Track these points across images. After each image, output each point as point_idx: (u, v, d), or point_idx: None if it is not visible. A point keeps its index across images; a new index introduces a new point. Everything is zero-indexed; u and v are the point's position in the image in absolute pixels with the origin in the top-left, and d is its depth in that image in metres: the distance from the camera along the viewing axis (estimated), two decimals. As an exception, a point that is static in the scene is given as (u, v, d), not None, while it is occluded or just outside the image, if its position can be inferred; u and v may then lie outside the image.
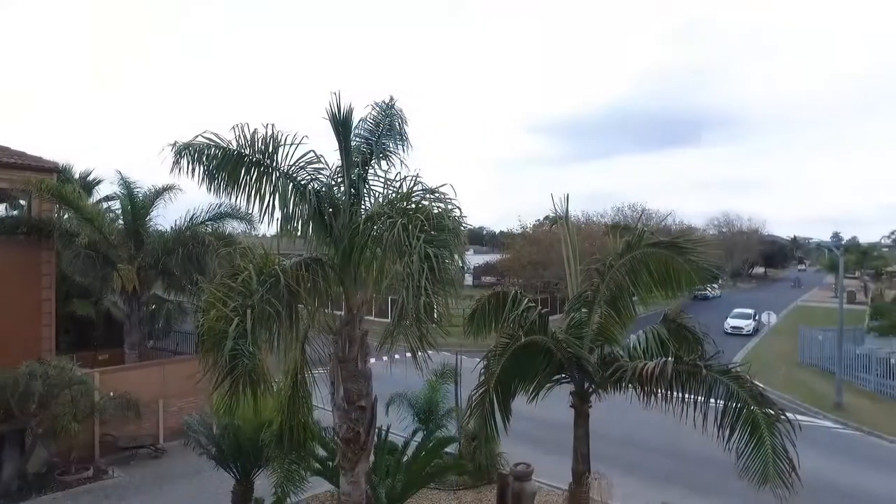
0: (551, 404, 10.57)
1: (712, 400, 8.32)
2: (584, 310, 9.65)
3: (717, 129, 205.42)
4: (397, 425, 13.66)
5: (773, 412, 7.77)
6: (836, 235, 43.25)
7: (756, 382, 8.36)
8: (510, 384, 9.22)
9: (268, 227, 8.35)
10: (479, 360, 9.69)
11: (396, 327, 6.27)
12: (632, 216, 64.74)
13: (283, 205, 7.89)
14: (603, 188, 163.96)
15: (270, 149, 8.10)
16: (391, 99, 9.53)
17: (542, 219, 55.44)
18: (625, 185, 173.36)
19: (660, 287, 9.19)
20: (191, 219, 18.81)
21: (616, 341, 9.61)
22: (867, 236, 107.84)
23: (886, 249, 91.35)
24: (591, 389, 9.70)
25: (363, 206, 8.49)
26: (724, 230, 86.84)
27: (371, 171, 8.92)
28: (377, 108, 9.43)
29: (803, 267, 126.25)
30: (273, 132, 8.12)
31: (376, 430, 9.45)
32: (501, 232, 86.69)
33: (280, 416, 8.79)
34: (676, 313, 9.77)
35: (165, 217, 20.90)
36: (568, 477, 10.59)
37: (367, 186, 8.76)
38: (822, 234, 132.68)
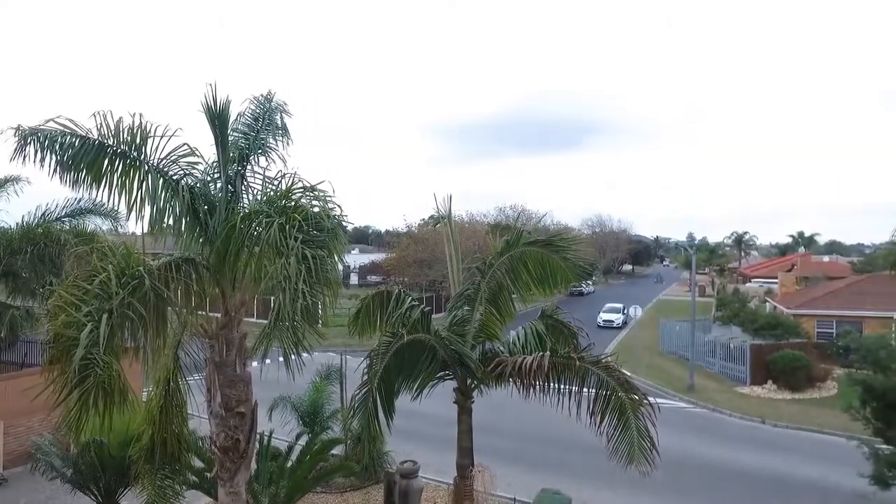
0: (437, 400, 10.77)
1: (585, 389, 8.93)
2: (466, 307, 9.91)
3: (595, 135, 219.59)
4: (281, 430, 13.22)
5: (637, 397, 8.47)
6: (690, 236, 48.11)
7: (623, 371, 9.07)
8: (393, 382, 9.26)
9: (136, 225, 7.70)
10: (364, 359, 9.64)
11: (273, 330, 6.05)
12: (513, 216, 67.50)
13: (153, 201, 7.32)
14: (488, 189, 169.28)
15: (138, 140, 7.47)
16: (270, 93, 9.19)
17: (427, 218, 56.15)
18: (509, 186, 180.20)
19: (538, 284, 9.66)
20: (44, 214, 16.86)
21: (497, 337, 9.96)
22: (714, 236, 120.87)
23: (728, 248, 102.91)
24: (473, 385, 9.97)
25: (241, 204, 8.12)
26: (596, 230, 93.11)
27: (250, 167, 8.55)
28: (256, 102, 9.06)
29: (666, 264, 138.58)
30: (141, 122, 7.50)
31: (257, 437, 9.08)
32: (387, 231, 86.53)
33: (151, 428, 8.16)
34: (553, 309, 10.33)
35: (11, 213, 18.54)
36: (454, 471, 10.84)
37: (245, 183, 8.38)
38: (679, 235, 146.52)
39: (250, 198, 8.24)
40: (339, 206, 6.83)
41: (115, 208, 13.97)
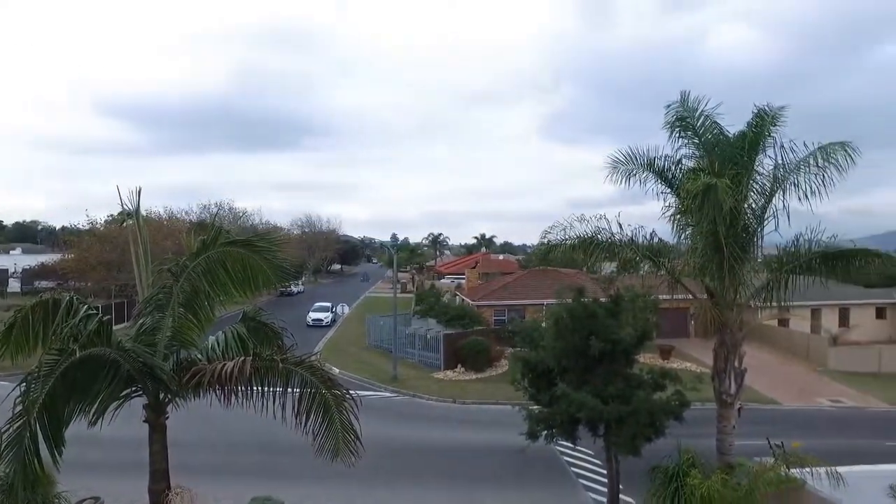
0: (126, 421, 9.45)
1: (290, 389, 8.87)
2: (157, 314, 8.93)
3: (312, 137, 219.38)
4: None
5: (339, 393, 8.75)
6: (394, 237, 51.82)
7: (331, 367, 9.29)
8: (62, 408, 7.81)
9: None
10: (18, 385, 7.89)
11: None
12: (220, 214, 63.44)
13: None
14: (195, 184, 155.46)
15: None
16: None
17: (116, 214, 48.80)
18: (220, 182, 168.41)
19: (238, 287, 9.20)
20: None
21: (194, 344, 9.21)
22: (415, 237, 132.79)
23: (426, 248, 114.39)
24: (167, 399, 9.06)
25: None
26: (306, 230, 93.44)
27: None
28: None
29: (374, 262, 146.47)
30: None
31: None
32: (64, 228, 72.59)
33: None
34: (255, 311, 10.00)
35: None
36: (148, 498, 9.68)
37: None
38: (384, 235, 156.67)
39: None
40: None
41: None
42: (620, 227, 12.93)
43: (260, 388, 8.58)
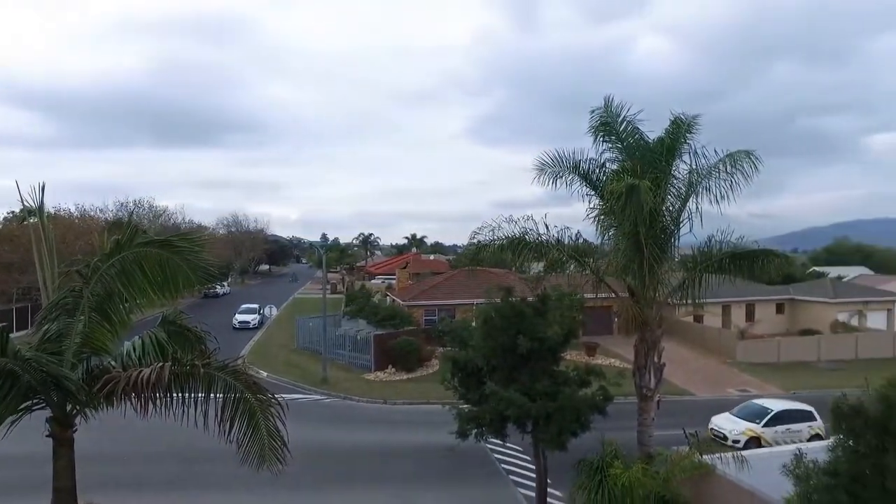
0: (24, 435, 8.75)
1: (214, 396, 8.48)
2: (66, 319, 8.31)
3: (238, 133, 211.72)
4: None
5: (265, 397, 8.46)
6: (324, 237, 50.93)
7: (257, 371, 8.98)
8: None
9: None
10: None
11: None
12: (139, 212, 60.04)
13: None
14: (112, 181, 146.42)
15: None
16: None
17: (17, 211, 45.03)
18: (140, 179, 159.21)
19: (157, 289, 8.71)
20: None
21: (107, 351, 8.64)
22: (345, 237, 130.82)
23: (356, 248, 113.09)
24: (75, 411, 8.45)
25: None
26: (233, 230, 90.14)
27: None
28: None
29: (304, 263, 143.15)
30: None
31: None
32: (-46, 226, 66.24)
33: None
34: (176, 314, 9.51)
35: None
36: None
37: None
38: (314, 236, 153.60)
39: None
40: None
41: None
42: (547, 228, 13.29)
43: (180, 396, 8.16)
